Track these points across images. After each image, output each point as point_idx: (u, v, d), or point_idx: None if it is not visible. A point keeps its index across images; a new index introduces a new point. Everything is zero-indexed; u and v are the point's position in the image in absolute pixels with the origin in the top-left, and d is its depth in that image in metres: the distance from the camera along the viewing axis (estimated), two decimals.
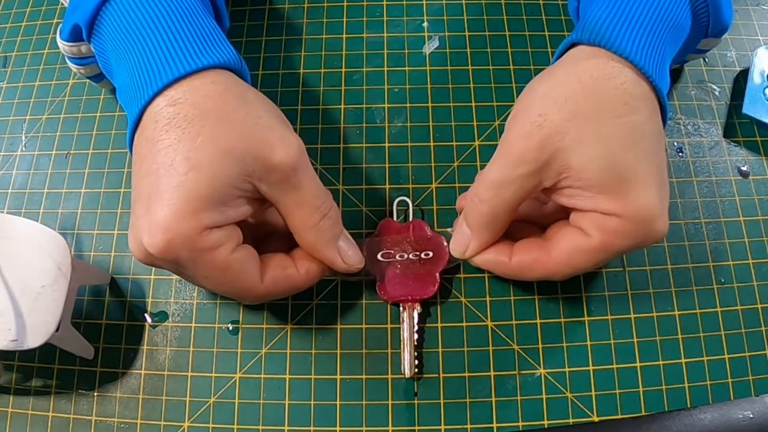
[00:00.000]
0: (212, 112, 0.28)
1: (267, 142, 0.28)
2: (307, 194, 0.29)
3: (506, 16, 0.43)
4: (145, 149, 0.28)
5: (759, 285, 0.36)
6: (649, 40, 0.30)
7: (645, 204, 0.28)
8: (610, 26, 0.30)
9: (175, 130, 0.27)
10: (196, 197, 0.27)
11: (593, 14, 0.31)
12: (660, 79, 0.30)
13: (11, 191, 0.40)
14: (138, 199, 0.28)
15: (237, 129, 0.28)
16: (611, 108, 0.28)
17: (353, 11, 0.44)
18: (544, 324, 0.35)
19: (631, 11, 0.30)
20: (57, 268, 0.31)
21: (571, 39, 0.32)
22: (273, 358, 0.35)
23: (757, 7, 0.44)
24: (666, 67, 0.31)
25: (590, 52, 0.30)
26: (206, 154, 0.27)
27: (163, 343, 0.35)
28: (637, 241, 0.29)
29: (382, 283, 0.35)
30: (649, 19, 0.30)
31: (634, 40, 0.29)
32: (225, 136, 0.28)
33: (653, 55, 0.30)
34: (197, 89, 0.28)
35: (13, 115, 0.42)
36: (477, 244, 0.33)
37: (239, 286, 0.29)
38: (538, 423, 0.33)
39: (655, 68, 0.30)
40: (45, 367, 0.35)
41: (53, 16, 0.45)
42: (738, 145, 0.40)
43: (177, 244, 0.27)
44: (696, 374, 0.34)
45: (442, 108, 0.40)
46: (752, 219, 0.38)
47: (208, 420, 0.34)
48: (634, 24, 0.30)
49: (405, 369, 0.33)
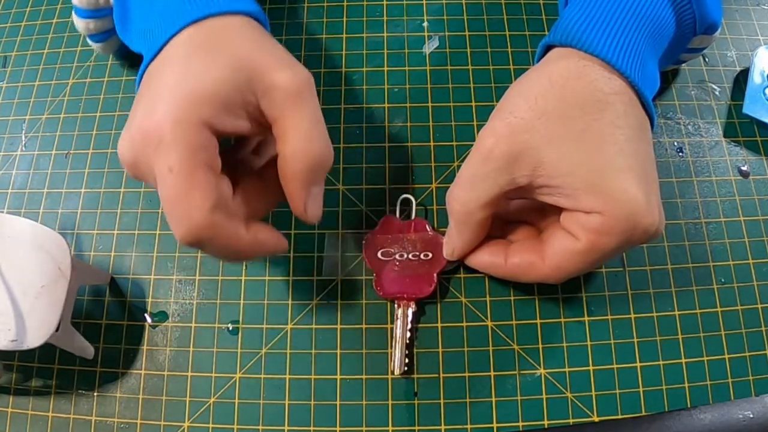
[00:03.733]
0: (231, 38, 0.29)
1: (278, 61, 0.29)
2: (307, 121, 0.29)
3: (506, 16, 0.43)
4: (157, 68, 0.29)
5: (759, 285, 0.36)
6: (622, 38, 0.30)
7: (625, 198, 0.28)
8: (582, 26, 0.30)
9: (192, 49, 0.28)
10: (202, 90, 0.27)
11: (566, 16, 0.31)
12: (637, 75, 0.30)
13: (11, 191, 0.40)
14: (139, 102, 0.28)
15: (250, 45, 0.29)
16: (582, 105, 0.29)
17: (353, 11, 0.44)
18: (544, 324, 0.35)
19: (601, 11, 0.30)
20: (57, 268, 0.31)
21: (546, 41, 0.32)
22: (273, 358, 0.35)
23: (757, 7, 0.44)
24: (647, 63, 0.31)
25: (562, 53, 0.31)
26: (218, 59, 0.28)
27: (163, 343, 0.35)
28: (624, 237, 0.28)
29: (379, 279, 0.35)
30: (621, 17, 0.30)
31: (604, 38, 0.30)
32: (238, 48, 0.29)
33: (627, 51, 0.30)
34: (223, 24, 0.29)
35: (13, 115, 0.42)
36: (461, 244, 0.33)
37: (193, 205, 0.26)
38: (538, 423, 0.33)
39: (630, 64, 0.30)
40: (45, 367, 0.35)
41: (53, 16, 0.45)
42: (738, 145, 0.40)
43: (171, 128, 0.26)
44: (696, 374, 0.34)
45: (442, 108, 0.40)
46: (752, 219, 0.38)
47: (208, 420, 0.34)
48: (604, 23, 0.30)
49: (395, 367, 0.33)
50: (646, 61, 0.31)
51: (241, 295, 0.36)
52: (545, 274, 0.31)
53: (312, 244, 0.37)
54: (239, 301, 0.36)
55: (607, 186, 0.28)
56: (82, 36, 0.44)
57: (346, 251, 0.37)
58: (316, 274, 0.36)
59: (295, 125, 0.29)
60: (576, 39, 0.30)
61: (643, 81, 0.30)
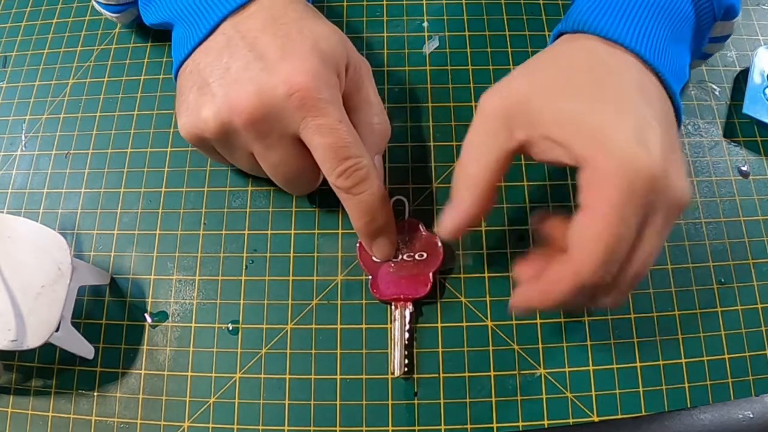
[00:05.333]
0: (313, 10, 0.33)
1: (350, 43, 0.33)
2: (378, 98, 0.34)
3: (506, 16, 0.43)
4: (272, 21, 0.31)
5: (759, 285, 0.36)
6: (635, 22, 0.30)
7: (619, 141, 0.26)
8: (593, 13, 0.30)
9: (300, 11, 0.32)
10: (335, 51, 0.31)
11: (578, 3, 0.32)
12: (654, 57, 0.29)
13: (11, 191, 0.40)
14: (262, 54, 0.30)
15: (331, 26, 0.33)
16: (580, 67, 0.29)
17: (353, 11, 0.44)
18: (544, 324, 0.35)
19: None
20: (57, 268, 0.31)
21: (558, 30, 0.33)
22: (273, 358, 0.35)
23: (757, 7, 0.44)
24: (669, 49, 0.30)
25: (570, 38, 0.31)
26: (329, 25, 0.32)
27: (163, 343, 0.35)
28: (627, 189, 0.26)
29: (375, 281, 0.35)
30: (633, 3, 0.30)
31: (616, 23, 0.30)
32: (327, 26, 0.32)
33: (642, 34, 0.30)
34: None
35: (13, 115, 0.42)
36: (456, 210, 0.31)
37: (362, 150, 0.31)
38: (538, 423, 0.33)
39: (646, 46, 0.29)
40: (45, 367, 0.35)
41: (53, 16, 0.45)
42: (738, 145, 0.40)
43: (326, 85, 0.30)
44: (696, 374, 0.34)
45: (442, 108, 0.40)
46: (752, 219, 0.38)
47: (208, 420, 0.34)
48: (616, 8, 0.30)
49: (395, 368, 0.33)
50: (668, 47, 0.30)
51: (241, 295, 0.36)
52: (576, 269, 0.27)
53: (312, 244, 0.37)
54: (239, 301, 0.36)
55: (603, 133, 0.26)
56: (82, 36, 0.44)
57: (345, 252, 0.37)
58: (316, 274, 0.36)
59: (372, 99, 0.34)
60: (588, 24, 0.30)
61: (665, 66, 0.30)
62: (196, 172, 0.39)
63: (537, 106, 0.28)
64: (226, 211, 0.38)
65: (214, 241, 0.37)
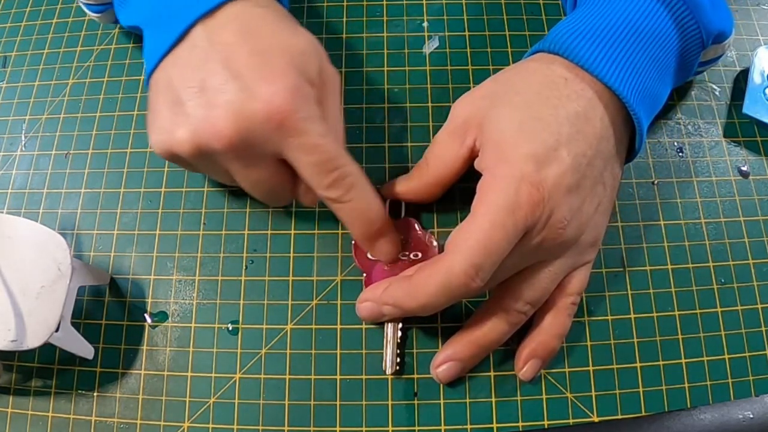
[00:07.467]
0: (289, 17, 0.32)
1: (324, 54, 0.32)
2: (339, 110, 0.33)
3: (506, 16, 0.43)
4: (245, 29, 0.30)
5: (759, 285, 0.36)
6: (611, 49, 0.31)
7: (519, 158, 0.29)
8: (570, 37, 0.31)
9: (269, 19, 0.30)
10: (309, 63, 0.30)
11: (558, 26, 0.33)
12: (623, 85, 0.30)
13: (11, 191, 0.40)
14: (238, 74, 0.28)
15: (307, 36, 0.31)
16: (530, 86, 0.31)
17: (353, 11, 0.44)
18: None
19: (594, 23, 0.32)
20: (57, 268, 0.31)
21: (535, 48, 0.34)
22: (273, 358, 0.35)
23: (757, 7, 0.44)
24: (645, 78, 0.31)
25: (541, 56, 0.33)
26: (304, 33, 0.31)
27: (163, 343, 0.35)
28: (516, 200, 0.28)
29: (369, 279, 0.35)
30: (612, 31, 0.31)
31: (583, 45, 0.31)
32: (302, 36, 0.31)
33: (615, 62, 0.30)
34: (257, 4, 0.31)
35: (12, 115, 0.42)
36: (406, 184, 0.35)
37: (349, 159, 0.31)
38: (538, 423, 0.33)
39: (617, 74, 0.30)
40: (45, 367, 0.35)
41: (53, 16, 0.45)
42: (738, 145, 0.40)
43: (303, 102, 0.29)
44: (696, 374, 0.34)
45: (442, 108, 0.40)
46: (752, 219, 0.38)
47: (208, 420, 0.34)
48: (594, 35, 0.31)
49: (386, 367, 0.34)
50: (641, 74, 0.31)
51: (241, 295, 0.36)
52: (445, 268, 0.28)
53: (312, 244, 0.37)
54: (239, 301, 0.36)
55: (508, 143, 0.29)
56: (82, 36, 0.44)
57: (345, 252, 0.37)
58: (315, 274, 0.36)
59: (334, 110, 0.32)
60: (558, 46, 0.31)
61: (632, 92, 0.30)
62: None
63: (486, 120, 0.31)
64: (226, 211, 0.38)
65: (214, 241, 0.37)
